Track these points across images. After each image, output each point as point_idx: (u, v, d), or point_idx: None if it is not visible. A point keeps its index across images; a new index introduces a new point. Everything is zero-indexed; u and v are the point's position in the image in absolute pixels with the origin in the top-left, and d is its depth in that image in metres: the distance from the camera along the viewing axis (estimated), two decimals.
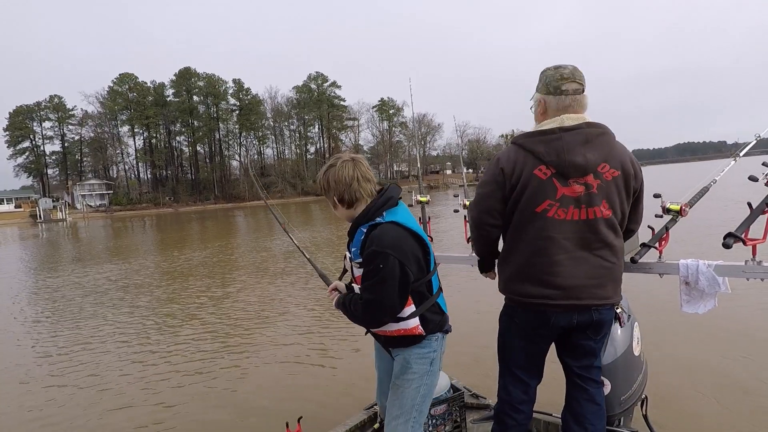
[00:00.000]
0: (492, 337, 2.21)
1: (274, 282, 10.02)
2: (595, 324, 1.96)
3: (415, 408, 1.94)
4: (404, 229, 1.80)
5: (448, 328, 2.03)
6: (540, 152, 1.83)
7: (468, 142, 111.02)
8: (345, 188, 1.86)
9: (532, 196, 1.84)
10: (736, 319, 5.07)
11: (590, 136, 1.82)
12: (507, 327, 2.12)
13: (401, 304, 1.81)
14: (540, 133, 1.86)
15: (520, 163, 1.86)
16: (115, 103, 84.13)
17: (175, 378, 4.92)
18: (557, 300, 1.87)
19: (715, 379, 3.90)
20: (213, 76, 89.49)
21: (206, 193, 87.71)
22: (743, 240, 1.87)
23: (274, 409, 4.03)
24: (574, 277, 1.86)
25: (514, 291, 1.99)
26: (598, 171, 1.81)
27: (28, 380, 5.16)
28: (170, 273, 12.44)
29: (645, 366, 2.47)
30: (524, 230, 1.89)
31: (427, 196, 2.86)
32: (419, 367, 1.93)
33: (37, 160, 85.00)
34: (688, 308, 2.11)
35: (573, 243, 1.85)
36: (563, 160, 1.80)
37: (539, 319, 1.95)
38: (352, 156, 1.91)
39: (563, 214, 1.83)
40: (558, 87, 1.86)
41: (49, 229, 45.54)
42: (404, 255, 1.75)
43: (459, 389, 2.84)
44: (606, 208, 1.84)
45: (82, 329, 7.12)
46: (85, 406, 4.39)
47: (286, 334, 6.23)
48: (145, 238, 27.04)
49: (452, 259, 2.84)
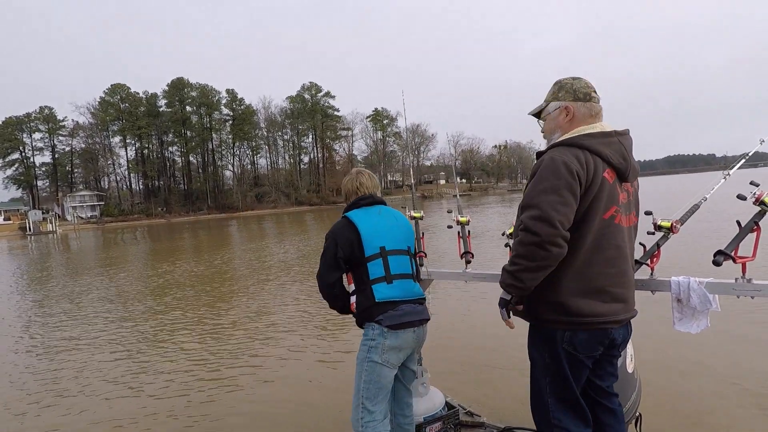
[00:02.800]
0: (487, 353, 2.19)
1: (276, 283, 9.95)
2: (627, 338, 1.93)
3: (361, 393, 2.22)
4: (348, 221, 2.32)
5: (381, 320, 2.18)
6: (607, 154, 1.75)
7: (461, 153, 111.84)
8: (345, 195, 2.53)
9: (602, 200, 1.73)
10: (728, 338, 5.09)
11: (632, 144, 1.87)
12: (553, 358, 1.83)
13: (333, 274, 2.29)
14: (602, 134, 1.79)
15: (592, 166, 1.72)
16: (107, 113, 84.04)
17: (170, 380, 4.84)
18: (620, 315, 1.79)
19: (710, 398, 3.90)
20: (206, 87, 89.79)
21: (199, 203, 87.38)
22: (733, 258, 1.88)
23: (266, 422, 3.97)
24: (630, 288, 1.85)
25: (575, 311, 1.74)
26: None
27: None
28: (161, 286, 12.32)
29: (639, 383, 2.47)
30: (593, 239, 1.73)
31: (420, 211, 2.85)
32: (360, 353, 2.26)
33: (27, 171, 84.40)
34: (681, 327, 2.11)
35: (629, 251, 1.84)
36: (628, 163, 1.78)
37: (600, 337, 1.78)
38: (357, 171, 2.56)
39: (624, 222, 1.80)
40: (588, 93, 1.86)
41: (36, 241, 44.99)
42: (339, 236, 2.28)
43: (454, 407, 2.83)
44: (635, 216, 1.90)
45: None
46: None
47: (281, 343, 6.17)
48: (138, 249, 26.78)
49: (445, 275, 2.83)
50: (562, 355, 1.80)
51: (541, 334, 1.87)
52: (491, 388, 4.21)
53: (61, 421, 4.31)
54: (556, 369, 1.83)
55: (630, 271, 1.86)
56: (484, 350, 5.18)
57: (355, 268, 2.31)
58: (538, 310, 1.85)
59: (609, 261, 1.76)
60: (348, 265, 2.31)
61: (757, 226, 1.88)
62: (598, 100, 1.88)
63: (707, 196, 2.23)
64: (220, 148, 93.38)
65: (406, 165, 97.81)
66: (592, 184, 1.71)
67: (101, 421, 4.20)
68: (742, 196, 1.89)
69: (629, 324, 1.95)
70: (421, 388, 2.76)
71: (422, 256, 2.75)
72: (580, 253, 1.73)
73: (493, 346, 5.11)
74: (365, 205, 2.41)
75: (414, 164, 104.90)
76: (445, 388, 2.87)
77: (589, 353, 1.81)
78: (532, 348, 1.94)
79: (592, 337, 1.78)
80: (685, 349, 4.75)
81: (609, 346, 1.85)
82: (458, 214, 2.78)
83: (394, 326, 2.19)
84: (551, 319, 1.81)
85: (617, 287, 1.78)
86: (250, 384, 4.89)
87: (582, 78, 1.90)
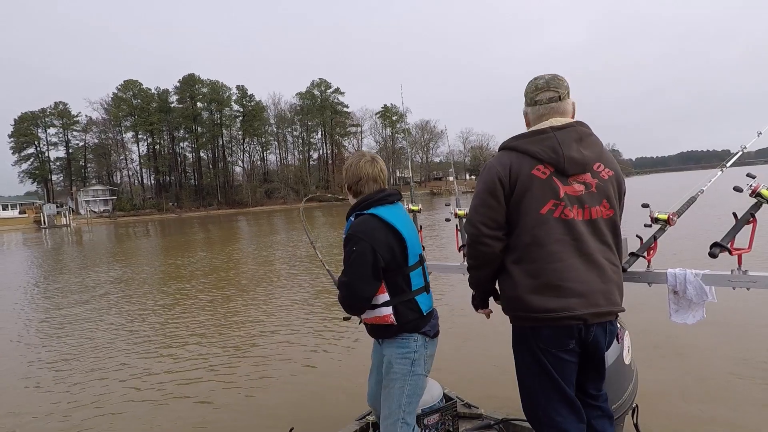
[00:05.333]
0: (485, 345, 2.20)
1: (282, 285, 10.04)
2: (609, 337, 1.84)
3: (402, 408, 2.04)
4: (381, 221, 1.94)
5: (428, 332, 2.06)
6: (535, 151, 1.76)
7: (471, 149, 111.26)
8: (354, 180, 2.08)
9: (535, 197, 1.74)
10: (727, 327, 5.06)
11: (583, 135, 1.80)
12: (532, 355, 1.82)
13: (373, 286, 1.93)
14: (531, 133, 1.81)
15: (516, 165, 1.77)
16: (120, 109, 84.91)
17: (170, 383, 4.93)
18: (578, 310, 1.71)
19: (705, 388, 3.89)
20: (217, 83, 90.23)
21: (209, 198, 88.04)
22: (729, 249, 1.87)
23: (264, 420, 4.02)
24: (590, 282, 1.74)
25: (530, 307, 1.75)
26: (594, 170, 1.79)
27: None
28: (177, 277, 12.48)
29: (635, 375, 2.46)
30: (531, 235, 1.75)
31: (418, 204, 2.86)
32: (400, 367, 2.04)
33: (42, 166, 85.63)
34: (677, 318, 2.11)
35: (584, 245, 1.75)
36: (561, 155, 1.74)
37: (564, 331, 1.74)
38: (372, 156, 2.12)
39: (570, 214, 1.74)
40: (533, 98, 1.87)
41: (53, 235, 45.73)
42: (376, 241, 1.90)
43: (452, 398, 2.84)
44: (607, 209, 1.81)
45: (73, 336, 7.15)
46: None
47: (279, 341, 6.23)
48: (150, 243, 27.12)
49: (443, 268, 2.85)
50: (538, 352, 1.79)
51: (516, 334, 1.89)
52: (489, 380, 4.24)
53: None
54: (537, 367, 1.81)
55: (590, 264, 1.75)
56: (482, 342, 5.20)
57: (391, 278, 1.97)
58: (504, 306, 1.91)
59: (552, 255, 1.73)
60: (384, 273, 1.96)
61: (754, 218, 1.87)
62: (547, 100, 1.83)
63: (704, 188, 2.22)
64: (230, 144, 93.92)
65: (415, 161, 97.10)
66: (518, 184, 1.76)
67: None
68: (739, 188, 1.88)
69: (611, 324, 1.83)
70: None
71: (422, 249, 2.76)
72: (522, 251, 1.78)
73: (490, 338, 5.11)
74: (390, 202, 2.05)
75: (423, 161, 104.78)
76: (443, 380, 2.88)
77: (562, 348, 1.76)
78: (514, 348, 1.93)
79: (556, 333, 1.75)
80: (681, 339, 4.75)
81: (583, 345, 1.78)
82: (456, 207, 2.79)
83: (434, 335, 2.12)
84: (516, 316, 1.85)
85: (569, 281, 1.72)
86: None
87: (540, 76, 1.87)
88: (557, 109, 1.84)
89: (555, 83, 1.85)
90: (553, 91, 1.84)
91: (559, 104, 1.84)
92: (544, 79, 1.86)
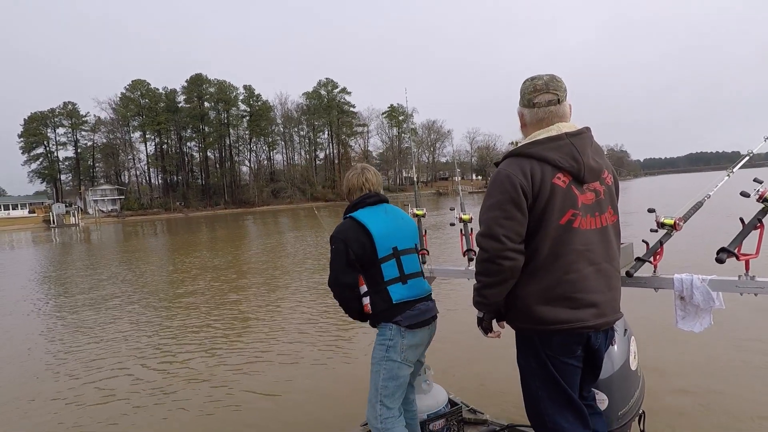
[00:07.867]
0: (490, 351, 2.19)
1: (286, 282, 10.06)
2: (608, 341, 1.87)
3: (379, 391, 2.25)
4: (355, 221, 2.27)
5: (400, 321, 2.21)
6: (555, 159, 1.70)
7: (477, 149, 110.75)
8: (346, 191, 2.48)
9: (556, 207, 1.69)
10: (733, 335, 5.00)
11: (592, 141, 1.79)
12: (538, 362, 1.81)
13: (349, 275, 2.25)
14: (549, 140, 1.73)
15: (537, 174, 1.69)
16: (128, 109, 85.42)
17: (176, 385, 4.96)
18: (590, 321, 1.72)
19: (713, 395, 3.85)
20: (224, 83, 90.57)
21: (216, 198, 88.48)
22: (736, 255, 1.85)
23: (266, 424, 4.03)
24: (601, 292, 1.74)
25: (542, 319, 1.73)
26: (602, 177, 1.79)
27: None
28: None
29: (642, 381, 2.44)
30: (549, 246, 1.71)
31: (423, 209, 2.86)
32: (377, 353, 2.28)
33: (51, 165, 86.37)
34: (684, 325, 2.08)
35: (595, 254, 1.74)
36: (581, 164, 1.70)
37: (575, 338, 1.76)
38: (363, 167, 2.49)
39: (586, 224, 1.72)
40: (531, 99, 1.79)
41: (62, 234, 46.14)
42: (348, 239, 2.23)
43: (457, 404, 2.84)
44: (611, 215, 1.81)
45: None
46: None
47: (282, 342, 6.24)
48: (158, 242, 27.29)
49: (449, 273, 2.84)
50: (545, 359, 1.79)
51: (522, 341, 1.88)
52: (495, 386, 4.21)
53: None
54: (544, 373, 1.80)
55: (599, 273, 1.75)
56: (488, 348, 5.12)
57: (366, 270, 2.26)
58: (510, 317, 1.88)
59: (568, 266, 1.71)
60: (359, 266, 2.26)
61: (761, 224, 1.85)
62: (546, 103, 1.77)
63: (710, 193, 2.19)
64: (237, 144, 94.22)
65: (422, 161, 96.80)
66: (540, 193, 1.69)
67: None
68: (746, 193, 1.85)
69: (611, 328, 1.86)
70: (425, 386, 2.78)
71: (425, 254, 2.76)
72: (539, 262, 1.73)
73: (496, 344, 5.03)
74: (371, 203, 2.35)
75: (429, 161, 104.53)
76: (449, 385, 2.88)
77: (570, 355, 1.78)
78: (519, 354, 1.92)
79: (566, 340, 1.75)
80: (688, 347, 4.69)
81: (588, 351, 1.81)
82: (461, 212, 2.78)
83: (412, 326, 2.22)
84: (523, 327, 1.83)
85: (582, 293, 1.71)
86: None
87: (539, 76, 1.80)
88: (557, 113, 1.79)
89: (554, 85, 1.78)
90: (552, 93, 1.78)
91: (558, 107, 1.79)
92: (542, 80, 1.79)
